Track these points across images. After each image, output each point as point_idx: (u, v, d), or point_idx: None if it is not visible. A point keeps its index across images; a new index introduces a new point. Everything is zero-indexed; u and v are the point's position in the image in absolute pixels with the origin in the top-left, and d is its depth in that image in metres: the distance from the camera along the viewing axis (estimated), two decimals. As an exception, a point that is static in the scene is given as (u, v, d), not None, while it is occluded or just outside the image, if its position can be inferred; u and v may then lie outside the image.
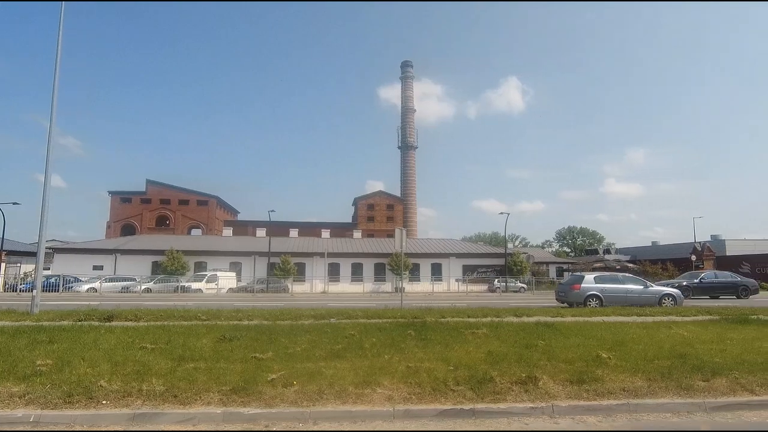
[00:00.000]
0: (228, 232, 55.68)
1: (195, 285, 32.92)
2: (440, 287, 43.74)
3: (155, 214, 71.58)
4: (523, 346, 7.32)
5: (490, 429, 4.59)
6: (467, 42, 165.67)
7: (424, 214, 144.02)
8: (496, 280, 42.70)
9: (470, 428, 4.63)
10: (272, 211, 41.70)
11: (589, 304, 16.22)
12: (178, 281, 33.30)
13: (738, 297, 23.32)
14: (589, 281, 17.30)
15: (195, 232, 71.96)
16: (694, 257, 32.30)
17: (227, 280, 35.78)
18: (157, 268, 40.00)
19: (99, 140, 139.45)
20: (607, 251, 75.59)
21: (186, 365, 6.15)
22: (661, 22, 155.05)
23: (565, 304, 17.16)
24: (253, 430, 4.59)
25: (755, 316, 10.79)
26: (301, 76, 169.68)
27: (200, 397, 5.09)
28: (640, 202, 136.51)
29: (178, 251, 39.79)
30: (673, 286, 20.20)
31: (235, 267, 41.84)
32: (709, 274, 26.15)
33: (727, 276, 25.71)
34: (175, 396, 5.09)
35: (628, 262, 47.97)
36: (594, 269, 44.18)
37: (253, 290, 34.11)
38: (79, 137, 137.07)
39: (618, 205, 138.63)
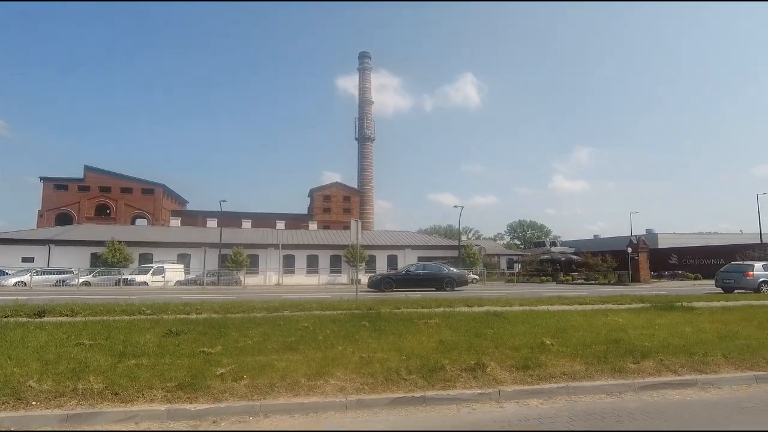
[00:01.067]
0: (176, 222, 53.13)
1: (140, 278, 31.30)
2: (396, 279, 44.25)
3: (94, 203, 67.05)
4: (473, 334, 7.57)
5: (440, 415, 4.72)
6: (425, 36, 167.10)
7: (381, 206, 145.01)
8: (450, 271, 43.81)
9: (421, 415, 4.74)
10: (224, 201, 40.30)
11: (762, 290, 18.86)
12: (120, 274, 31.45)
13: (441, 289, 24.53)
14: (759, 269, 20.24)
15: (140, 222, 68.23)
16: (630, 249, 34.64)
17: (175, 272, 34.29)
18: (96, 260, 37.53)
19: (28, 122, 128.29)
20: (554, 244, 79.51)
21: (128, 362, 5.85)
22: (608, 26, 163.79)
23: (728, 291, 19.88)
24: (199, 427, 4.45)
25: (680, 304, 11.78)
26: (257, 62, 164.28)
27: (143, 394, 4.86)
28: (585, 198, 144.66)
29: (120, 242, 37.55)
30: (376, 277, 24.41)
31: (184, 259, 40.13)
32: (418, 266, 27.82)
33: (433, 268, 26.97)
34: (115, 394, 4.83)
35: (572, 254, 50.68)
36: (541, 261, 46.38)
37: (203, 283, 32.91)
38: (5, 118, 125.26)
39: (565, 200, 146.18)
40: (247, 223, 53.28)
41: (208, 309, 10.63)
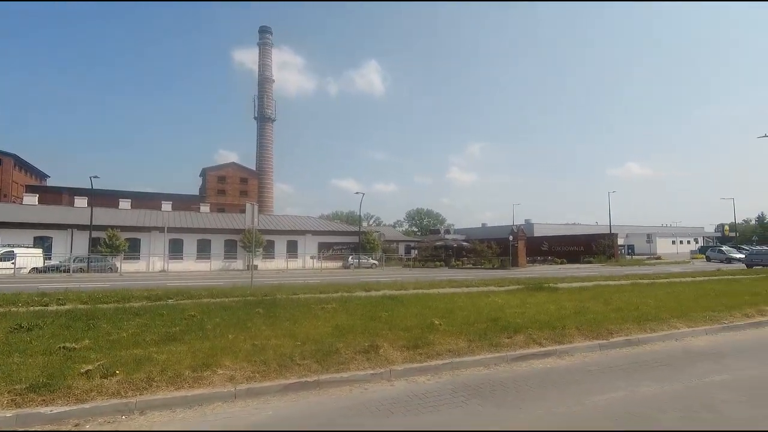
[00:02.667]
0: (32, 199, 45.04)
1: (-20, 264, 26.19)
2: (295, 264, 43.46)
3: None
4: (369, 318, 7.77)
5: (332, 398, 4.78)
6: (330, 17, 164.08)
7: (281, 189, 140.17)
8: (350, 257, 44.39)
9: (313, 398, 4.75)
10: (96, 177, 35.33)
11: None
12: (-47, 260, 25.96)
13: None
14: None
15: (-18, 198, 56.81)
16: (511, 237, 38.61)
17: (30, 258, 29.36)
18: None
19: None
20: (447, 231, 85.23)
21: (-40, 364, 4.88)
22: (502, 24, 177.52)
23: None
24: (58, 430, 3.91)
25: (547, 285, 13.48)
26: (142, 25, 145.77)
27: (-19, 401, 4.10)
28: (476, 189, 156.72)
29: (-48, 221, 30.91)
30: None
31: (43, 242, 34.53)
32: None
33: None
34: (-60, 404, 4.00)
35: (463, 241, 54.82)
36: (436, 247, 49.37)
37: (68, 270, 28.71)
38: None
39: (459, 191, 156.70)
40: (125, 204, 47.58)
41: (74, 299, 9.34)
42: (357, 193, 55.36)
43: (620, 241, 55.05)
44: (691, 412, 4.27)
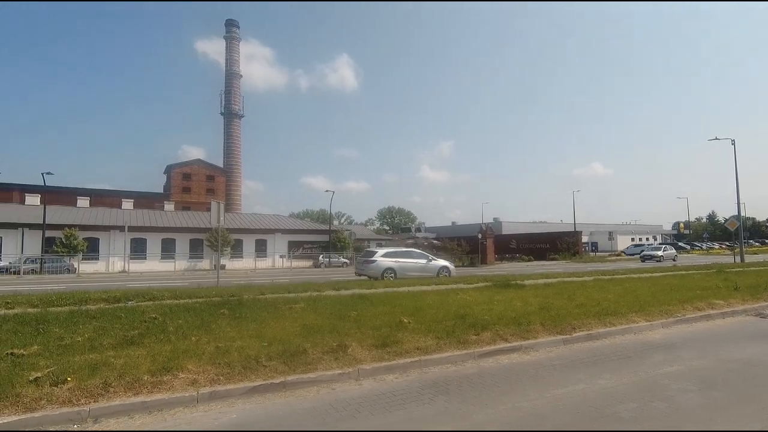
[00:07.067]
0: (-20, 197, 42.48)
1: None
2: (264, 264, 42.73)
3: None
4: (338, 317, 7.71)
5: (299, 399, 4.71)
6: (301, 8, 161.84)
7: (250, 187, 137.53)
8: (321, 256, 44.01)
9: (279, 400, 4.66)
10: (49, 173, 33.55)
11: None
12: None
13: None
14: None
15: None
16: (480, 235, 39.34)
17: (-23, 259, 27.57)
18: None
19: None
20: (419, 230, 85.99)
21: None
22: (476, 21, 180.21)
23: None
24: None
25: (514, 282, 13.78)
26: (95, 11, 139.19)
27: None
28: (446, 188, 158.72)
29: None
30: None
31: (-9, 242, 32.51)
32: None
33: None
34: None
35: (434, 239, 55.43)
36: (407, 245, 49.68)
37: (18, 271, 27.15)
38: None
39: (429, 189, 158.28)
40: (83, 201, 45.47)
41: (24, 302, 8.80)
42: (327, 191, 54.86)
43: (584, 239, 57.23)
44: (646, 402, 4.46)
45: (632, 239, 74.72)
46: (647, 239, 78.73)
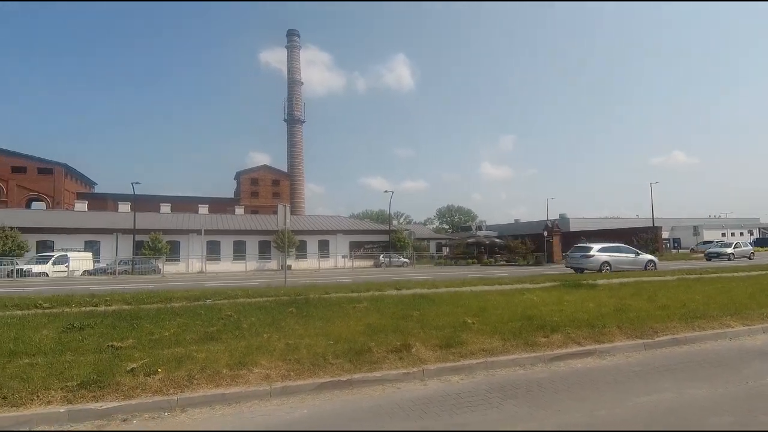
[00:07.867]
0: (82, 206, 47.92)
1: (38, 268, 28.04)
2: (327, 264, 44.02)
3: (-23, 184, 58.44)
4: (400, 317, 7.74)
5: (365, 397, 4.79)
6: (355, 10, 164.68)
7: (312, 190, 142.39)
8: (381, 255, 44.51)
9: (347, 397, 4.77)
10: (137, 183, 37.14)
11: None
12: (13, 264, 27.88)
13: None
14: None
15: (37, 205, 60.77)
16: (545, 233, 37.59)
17: (82, 261, 31.14)
18: (-19, 249, 32.88)
19: None
20: (479, 228, 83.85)
21: (19, 361, 5.24)
22: (536, 18, 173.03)
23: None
24: (106, 427, 4.10)
25: (585, 282, 13.02)
26: (173, 33, 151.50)
27: (38, 396, 4.37)
28: (508, 184, 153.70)
29: (12, 228, 33.21)
30: None
31: (92, 246, 36.57)
32: None
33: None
34: (4, 398, 4.28)
35: (496, 238, 53.81)
36: (467, 244, 48.71)
37: (114, 272, 30.25)
38: None
39: (491, 186, 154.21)
40: (165, 208, 49.67)
41: (119, 300, 9.81)
42: (386, 191, 55.44)
43: (665, 235, 52.60)
44: (745, 415, 4.00)
45: (722, 234, 67.46)
46: (741, 233, 70.68)
